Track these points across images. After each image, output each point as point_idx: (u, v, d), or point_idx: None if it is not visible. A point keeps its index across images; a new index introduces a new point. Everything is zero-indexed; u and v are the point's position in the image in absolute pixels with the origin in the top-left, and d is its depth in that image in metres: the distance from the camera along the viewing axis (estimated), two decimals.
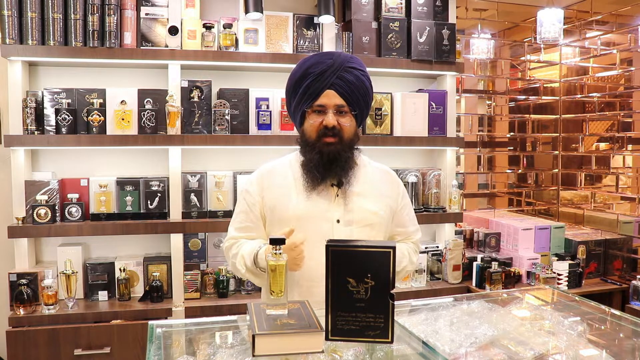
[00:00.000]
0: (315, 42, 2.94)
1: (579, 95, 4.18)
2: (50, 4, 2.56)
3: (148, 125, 2.71)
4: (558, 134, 4.27)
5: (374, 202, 1.73)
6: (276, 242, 1.27)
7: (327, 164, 1.65)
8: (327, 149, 1.64)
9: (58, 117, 2.63)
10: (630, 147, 3.80)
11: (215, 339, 1.28)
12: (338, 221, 1.68)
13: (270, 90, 2.90)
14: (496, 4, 3.99)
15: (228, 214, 2.76)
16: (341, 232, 1.67)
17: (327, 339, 1.21)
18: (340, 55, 1.67)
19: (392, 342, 1.21)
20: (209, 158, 2.97)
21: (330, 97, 1.63)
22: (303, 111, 1.68)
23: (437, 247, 3.17)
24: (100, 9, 2.61)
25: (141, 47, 2.70)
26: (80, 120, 2.68)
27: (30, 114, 2.61)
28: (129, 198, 2.75)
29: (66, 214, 2.67)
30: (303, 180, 1.70)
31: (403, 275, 1.86)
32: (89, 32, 2.61)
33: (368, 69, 2.96)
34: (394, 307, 1.20)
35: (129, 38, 2.68)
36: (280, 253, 1.26)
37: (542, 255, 3.23)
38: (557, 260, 3.12)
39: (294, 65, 1.74)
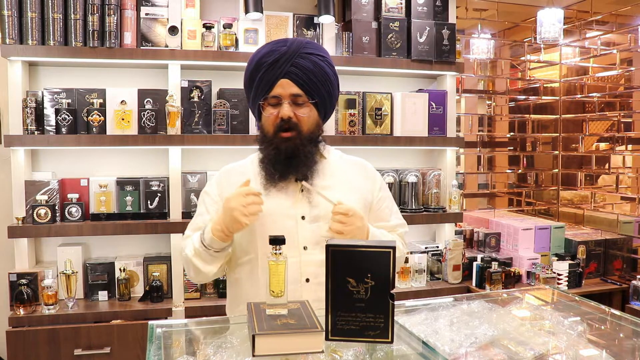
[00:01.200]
0: (315, 42, 2.93)
1: (579, 95, 4.18)
2: (50, 4, 2.56)
3: (148, 125, 2.71)
4: (558, 134, 4.27)
5: (343, 196, 1.59)
6: (276, 242, 1.27)
7: (285, 160, 1.55)
8: (285, 145, 1.53)
9: (58, 117, 2.63)
10: (630, 147, 3.80)
11: (215, 339, 1.28)
12: (303, 217, 1.58)
13: None
14: (496, 4, 3.99)
15: None
16: (307, 229, 1.57)
17: (327, 339, 1.20)
18: (295, 41, 1.57)
19: (392, 342, 1.21)
20: (209, 158, 2.97)
21: (284, 87, 1.53)
22: (259, 104, 1.58)
23: (437, 247, 3.17)
24: (100, 9, 2.61)
25: (141, 47, 2.70)
26: (80, 120, 2.68)
27: (30, 114, 2.61)
28: (129, 198, 2.75)
29: (66, 214, 2.67)
30: (261, 178, 1.60)
31: None
32: (89, 32, 2.61)
33: (368, 69, 3.04)
34: (394, 307, 1.20)
35: (129, 38, 2.68)
36: (280, 253, 1.26)
37: (542, 255, 3.23)
38: (557, 260, 3.12)
39: None
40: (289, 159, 1.55)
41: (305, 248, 1.57)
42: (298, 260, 1.56)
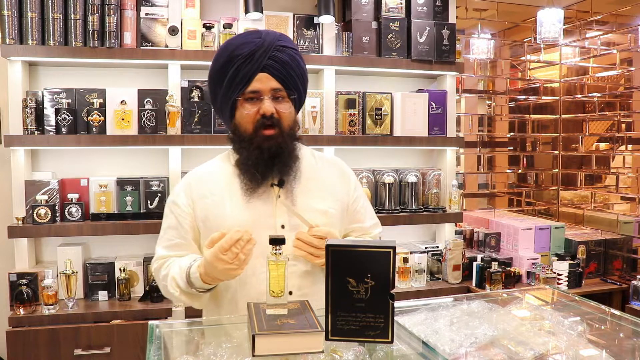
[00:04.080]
0: (315, 42, 2.94)
1: (579, 95, 4.18)
2: (50, 4, 2.56)
3: (148, 125, 2.71)
4: (558, 134, 4.27)
5: (321, 200, 1.52)
6: (276, 241, 1.26)
7: (269, 161, 1.44)
8: (268, 143, 1.43)
9: (58, 117, 2.63)
10: (630, 147, 3.80)
11: (215, 339, 1.28)
12: (283, 226, 1.48)
13: None
14: (496, 4, 3.99)
15: None
16: (288, 238, 1.41)
17: (327, 339, 1.20)
18: (269, 33, 1.47)
19: (392, 342, 1.21)
20: (209, 158, 2.94)
21: (264, 81, 1.42)
22: (234, 101, 1.46)
23: (437, 247, 3.17)
24: (100, 9, 2.61)
25: (141, 47, 2.70)
26: (80, 120, 2.68)
27: (30, 114, 2.61)
28: (129, 198, 2.75)
29: (66, 214, 2.67)
30: (240, 183, 1.48)
31: None
32: (89, 32, 2.61)
33: (368, 69, 3.04)
34: (394, 307, 1.20)
35: (129, 38, 2.68)
36: (280, 253, 1.26)
37: (542, 255, 3.23)
38: (557, 260, 3.13)
39: None
40: (272, 160, 1.45)
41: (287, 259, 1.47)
42: None
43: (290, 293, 1.48)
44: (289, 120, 1.48)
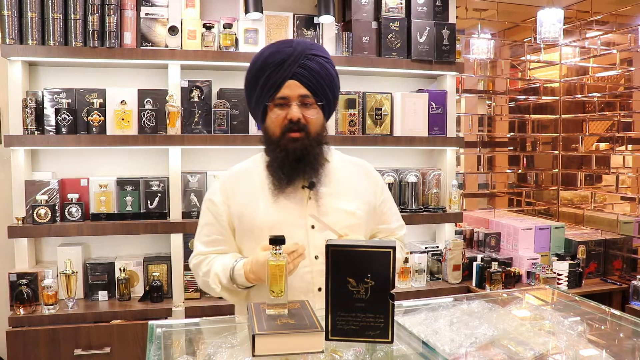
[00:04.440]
0: (315, 42, 2.93)
1: (579, 95, 4.18)
2: (50, 4, 2.56)
3: (148, 125, 2.71)
4: (558, 134, 4.27)
5: (349, 201, 1.59)
6: (276, 242, 1.27)
7: (294, 163, 1.52)
8: (293, 145, 1.51)
9: (58, 117, 2.63)
10: (630, 147, 3.80)
11: (215, 339, 1.28)
12: (313, 227, 1.55)
13: None
14: (496, 4, 3.99)
15: None
16: (317, 238, 1.54)
17: (327, 339, 1.21)
18: (300, 42, 1.55)
19: (392, 342, 1.21)
20: (209, 158, 2.97)
21: (292, 88, 1.50)
22: (265, 106, 1.55)
23: (437, 247, 3.17)
24: (100, 9, 2.61)
25: (141, 47, 2.70)
26: (80, 120, 2.68)
27: (30, 114, 2.61)
28: (129, 198, 2.75)
29: (66, 214, 2.67)
30: (269, 183, 1.57)
31: None
32: (89, 32, 2.61)
33: (368, 69, 3.04)
34: (394, 307, 1.20)
35: (129, 38, 2.68)
36: (280, 253, 1.26)
37: (542, 255, 3.23)
38: (557, 260, 3.12)
39: None
40: (297, 162, 1.52)
41: (316, 257, 1.54)
42: (310, 270, 1.54)
43: (320, 290, 1.54)
44: (316, 126, 1.55)
